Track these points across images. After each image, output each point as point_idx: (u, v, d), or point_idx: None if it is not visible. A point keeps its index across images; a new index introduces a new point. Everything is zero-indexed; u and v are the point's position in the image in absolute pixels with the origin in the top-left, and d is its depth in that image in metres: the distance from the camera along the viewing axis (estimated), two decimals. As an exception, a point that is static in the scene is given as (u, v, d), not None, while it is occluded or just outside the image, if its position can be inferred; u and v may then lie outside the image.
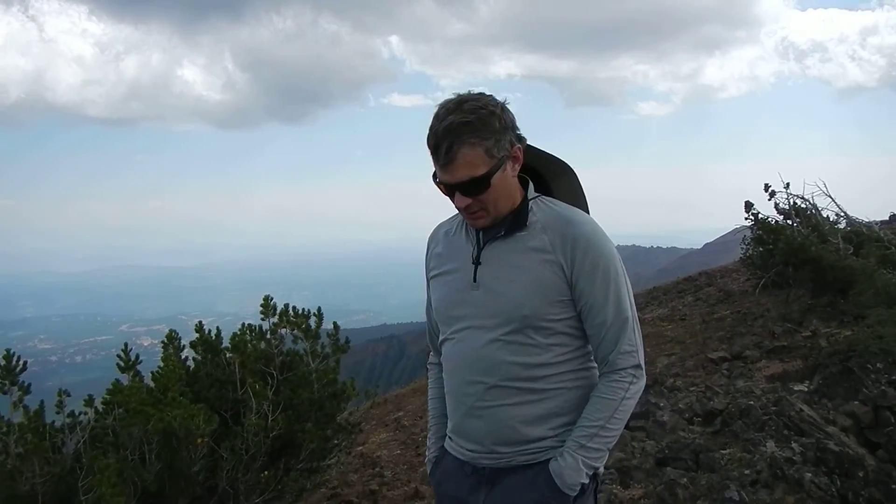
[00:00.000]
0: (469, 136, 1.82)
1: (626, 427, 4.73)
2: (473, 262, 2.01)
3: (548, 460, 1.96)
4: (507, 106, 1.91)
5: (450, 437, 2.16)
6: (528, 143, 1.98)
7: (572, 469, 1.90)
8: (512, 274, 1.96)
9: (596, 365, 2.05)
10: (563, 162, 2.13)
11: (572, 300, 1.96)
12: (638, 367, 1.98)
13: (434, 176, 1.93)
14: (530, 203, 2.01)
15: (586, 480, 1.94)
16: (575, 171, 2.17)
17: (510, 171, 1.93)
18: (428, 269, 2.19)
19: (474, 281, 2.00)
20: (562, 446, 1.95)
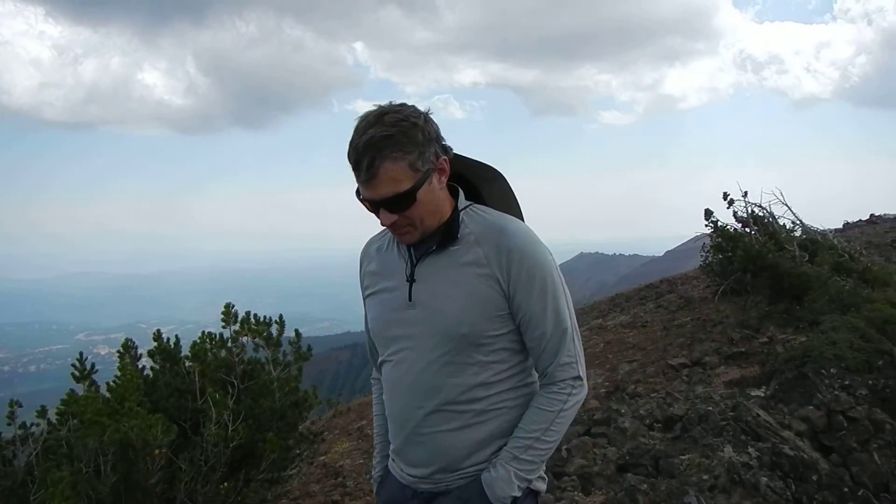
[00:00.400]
0: (391, 151, 1.75)
1: (588, 434, 4.78)
2: (408, 280, 1.93)
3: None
4: (431, 116, 1.84)
5: (392, 459, 2.10)
6: (455, 152, 1.92)
7: (504, 481, 1.85)
8: (448, 290, 1.88)
9: (536, 379, 1.99)
10: (493, 168, 2.05)
11: (510, 314, 1.89)
12: (577, 378, 1.95)
13: (357, 192, 1.84)
14: (461, 214, 1.93)
15: (518, 493, 1.88)
16: (505, 176, 2.09)
17: (437, 184, 1.85)
18: (363, 287, 2.11)
19: (409, 300, 1.92)
20: None
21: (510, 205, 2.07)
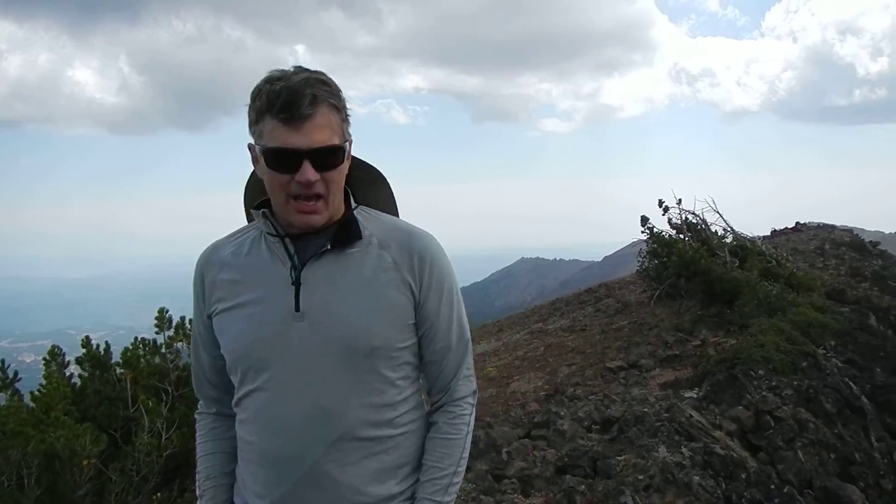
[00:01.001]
0: (330, 97, 1.53)
1: (528, 436, 4.83)
2: (294, 284, 1.59)
3: None
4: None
5: None
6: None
7: None
8: (351, 297, 1.60)
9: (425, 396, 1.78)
10: (376, 168, 1.81)
11: (416, 323, 1.68)
12: (475, 392, 1.78)
13: (258, 147, 1.54)
14: (355, 213, 1.69)
15: None
16: (387, 179, 1.84)
17: (345, 166, 1.60)
18: (209, 303, 1.69)
19: (297, 309, 1.58)
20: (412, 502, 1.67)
21: (395, 213, 1.83)
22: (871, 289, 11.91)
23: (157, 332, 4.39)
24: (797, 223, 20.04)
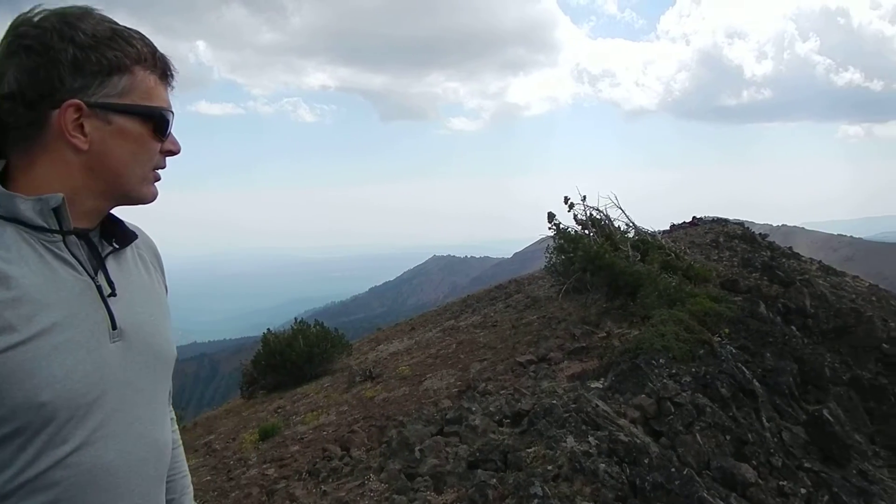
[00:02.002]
0: None
1: (441, 433, 4.85)
2: (105, 297, 1.20)
3: None
4: None
5: None
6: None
7: None
8: (149, 305, 1.32)
9: None
10: None
11: None
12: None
13: (155, 112, 1.23)
14: None
15: None
16: None
17: None
18: None
19: (114, 327, 1.19)
20: None
21: None
22: (760, 278, 12.65)
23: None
24: (694, 218, 21.02)
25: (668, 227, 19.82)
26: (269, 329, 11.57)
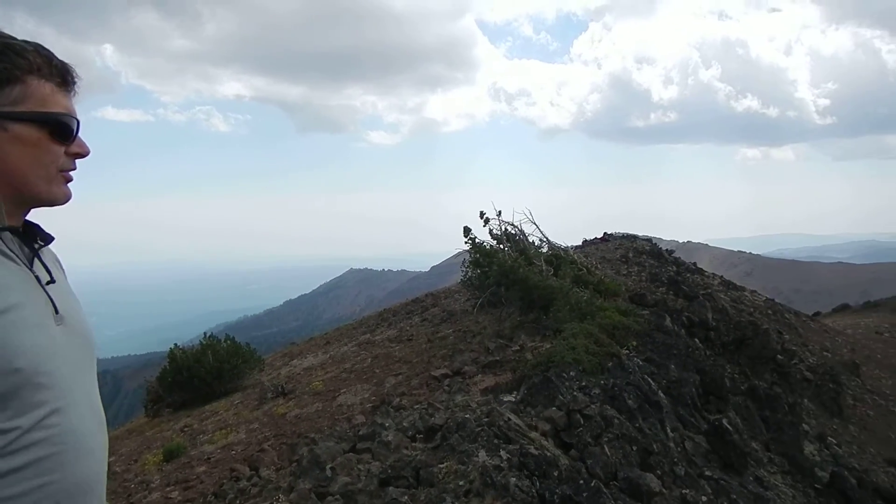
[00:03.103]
0: None
1: (353, 450, 4.78)
2: (50, 283, 1.40)
3: None
4: None
5: None
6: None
7: None
8: (72, 297, 1.47)
9: None
10: None
11: None
12: None
13: (51, 118, 1.32)
14: None
15: None
16: None
17: None
18: None
19: (56, 312, 1.37)
20: None
21: None
22: (667, 293, 13.16)
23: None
24: (605, 233, 21.70)
25: (580, 243, 20.37)
26: (176, 344, 11.13)
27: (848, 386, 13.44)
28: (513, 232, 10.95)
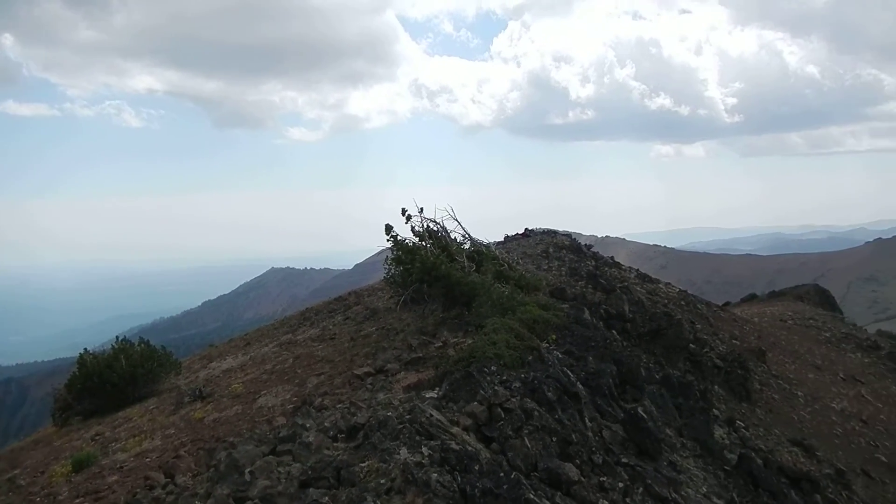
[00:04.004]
0: None
1: (273, 453, 4.69)
2: None
3: None
4: None
5: None
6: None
7: None
8: None
9: None
10: None
11: None
12: None
13: None
14: None
15: None
16: None
17: None
18: None
19: None
20: None
21: None
22: (586, 286, 13.50)
23: None
24: (526, 229, 22.03)
25: (502, 239, 20.62)
26: (86, 349, 10.63)
27: (755, 372, 14.12)
28: (435, 229, 10.98)
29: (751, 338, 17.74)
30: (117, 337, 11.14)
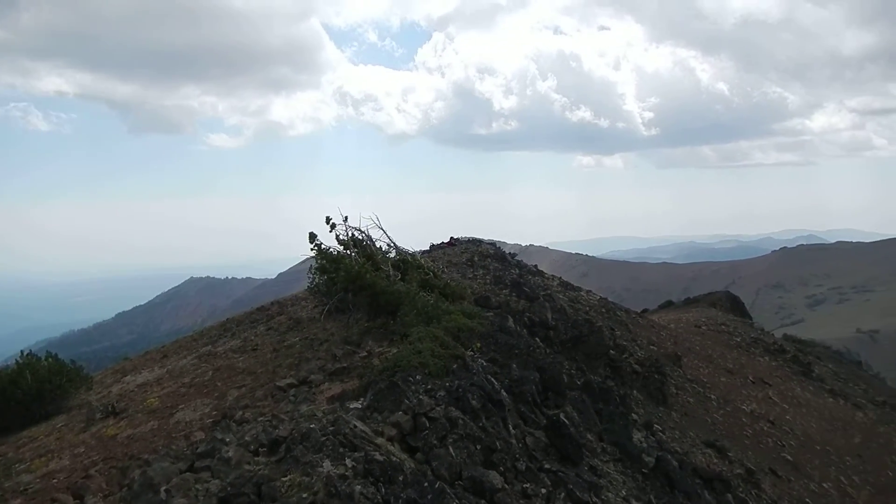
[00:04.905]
0: None
1: (191, 469, 4.54)
2: None
3: None
4: None
5: None
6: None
7: None
8: None
9: None
10: None
11: None
12: None
13: None
14: None
15: None
16: None
17: None
18: None
19: None
20: None
21: None
22: (510, 294, 13.69)
23: None
24: (451, 238, 22.17)
25: (427, 248, 20.68)
26: (-13, 365, 10.03)
27: (671, 376, 14.64)
28: (360, 237, 10.91)
29: (667, 343, 18.39)
30: (22, 351, 10.57)
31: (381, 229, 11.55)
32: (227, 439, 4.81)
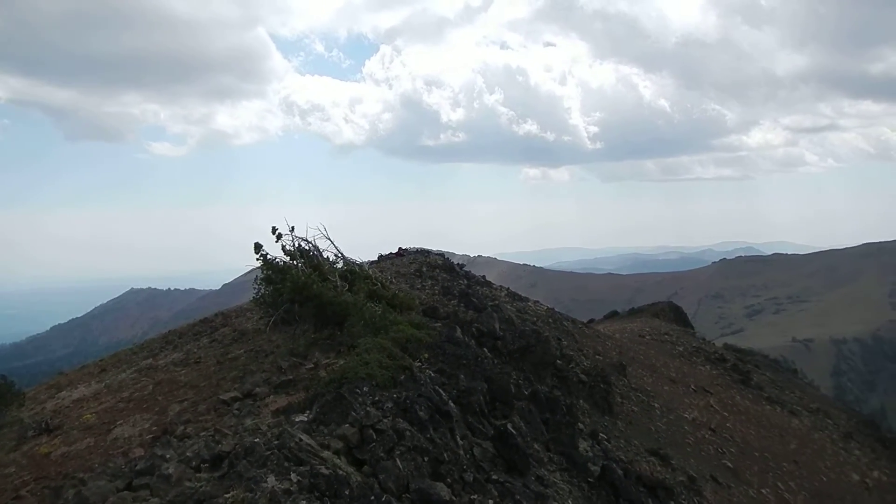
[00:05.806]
0: None
1: (129, 488, 4.39)
2: None
3: None
4: None
5: None
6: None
7: None
8: None
9: None
10: None
11: None
12: None
13: None
14: None
15: None
16: None
17: None
18: None
19: None
20: None
21: None
22: (458, 305, 13.71)
23: None
24: (400, 249, 22.12)
25: (376, 258, 20.58)
26: None
27: (616, 385, 14.87)
28: (306, 248, 10.78)
29: (612, 353, 18.68)
30: (-52, 366, 10.09)
31: (329, 239, 11.44)
32: (168, 455, 4.68)
